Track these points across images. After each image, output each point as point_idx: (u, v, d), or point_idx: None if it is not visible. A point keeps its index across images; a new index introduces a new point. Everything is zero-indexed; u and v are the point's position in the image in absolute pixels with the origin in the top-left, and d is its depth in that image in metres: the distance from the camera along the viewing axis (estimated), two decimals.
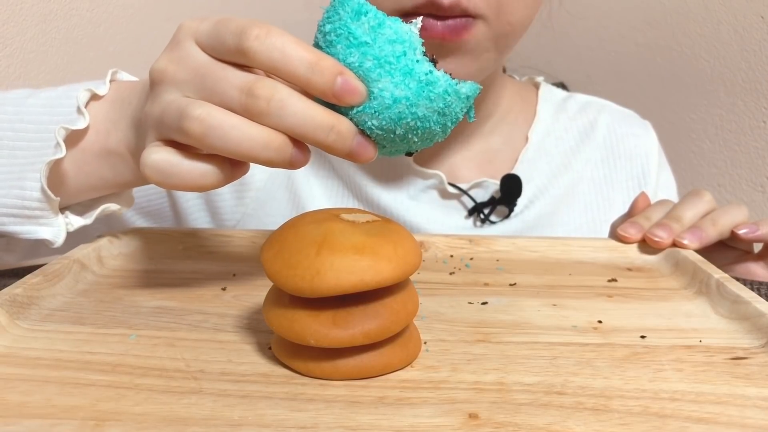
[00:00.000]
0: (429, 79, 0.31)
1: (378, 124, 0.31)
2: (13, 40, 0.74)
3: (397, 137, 0.32)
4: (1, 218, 0.41)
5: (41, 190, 0.39)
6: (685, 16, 1.04)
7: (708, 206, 0.50)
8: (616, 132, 0.68)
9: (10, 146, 0.41)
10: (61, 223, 0.42)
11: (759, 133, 0.99)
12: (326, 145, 0.31)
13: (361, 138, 0.32)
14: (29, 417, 0.25)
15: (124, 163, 0.41)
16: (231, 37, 0.31)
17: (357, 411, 0.26)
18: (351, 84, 0.30)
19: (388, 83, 0.31)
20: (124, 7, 0.91)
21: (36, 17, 0.77)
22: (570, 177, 0.65)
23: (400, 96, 0.31)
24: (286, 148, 0.31)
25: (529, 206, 0.63)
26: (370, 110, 0.31)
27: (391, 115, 0.31)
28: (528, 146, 0.65)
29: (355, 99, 0.31)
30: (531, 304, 0.38)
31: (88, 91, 0.41)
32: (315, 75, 0.30)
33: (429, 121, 0.32)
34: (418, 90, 0.31)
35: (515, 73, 0.74)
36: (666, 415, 0.26)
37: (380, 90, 0.31)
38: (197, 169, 0.32)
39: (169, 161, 0.32)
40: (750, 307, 0.35)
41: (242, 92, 0.30)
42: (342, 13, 0.31)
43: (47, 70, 0.79)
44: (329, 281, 0.27)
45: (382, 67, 0.31)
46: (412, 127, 0.32)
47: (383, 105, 0.31)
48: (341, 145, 0.31)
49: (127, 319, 0.35)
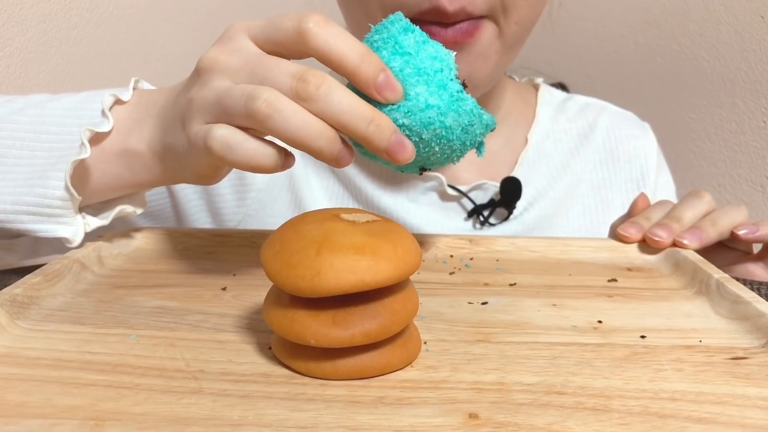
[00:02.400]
0: (460, 96, 0.35)
1: (408, 123, 0.34)
2: (13, 40, 0.74)
3: (421, 142, 0.35)
4: (20, 216, 0.41)
5: (65, 188, 0.40)
6: (685, 16, 1.04)
7: (708, 207, 0.50)
8: (615, 134, 0.68)
9: (30, 147, 0.42)
10: (79, 222, 0.42)
11: (759, 133, 0.99)
12: (366, 136, 0.33)
13: (399, 136, 0.34)
14: (29, 417, 0.25)
15: (141, 162, 0.41)
16: (290, 22, 0.33)
17: (357, 411, 0.26)
18: (392, 81, 0.33)
19: (423, 90, 0.34)
20: (124, 7, 0.91)
21: (36, 17, 0.77)
22: (569, 179, 0.65)
23: (432, 103, 0.34)
24: (337, 142, 0.33)
25: (528, 208, 0.63)
26: (403, 109, 0.34)
27: (422, 117, 0.34)
28: (527, 148, 0.65)
29: (393, 95, 0.33)
30: (531, 304, 0.38)
31: (112, 96, 0.42)
32: (363, 65, 0.33)
33: (453, 134, 0.35)
34: (449, 102, 0.34)
35: (515, 74, 0.74)
36: (666, 415, 0.26)
37: (416, 94, 0.34)
38: (259, 148, 0.33)
39: (234, 137, 0.33)
40: (750, 307, 0.35)
41: (293, 78, 0.32)
42: (391, 28, 0.35)
43: (47, 70, 0.79)
44: (329, 281, 0.27)
45: (420, 75, 0.34)
46: (437, 135, 0.34)
47: (417, 107, 0.34)
48: (379, 138, 0.33)
49: (127, 319, 0.35)
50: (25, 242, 0.52)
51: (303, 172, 0.62)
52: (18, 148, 0.42)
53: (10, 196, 0.41)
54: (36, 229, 0.41)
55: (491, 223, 0.62)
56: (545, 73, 0.76)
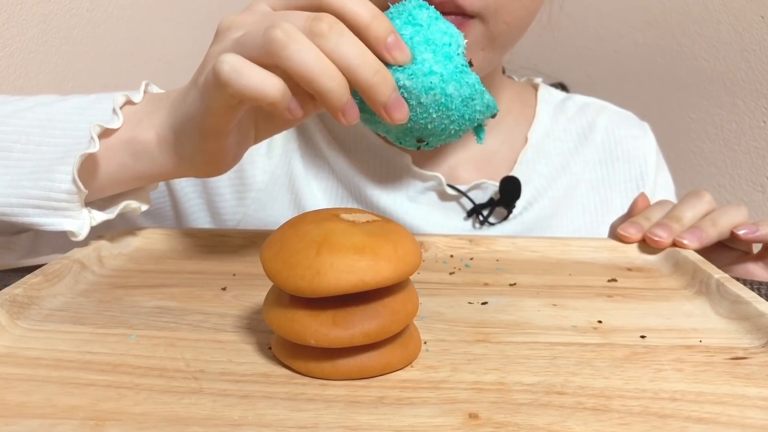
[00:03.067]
0: (464, 69, 0.36)
1: (409, 85, 0.35)
2: (13, 40, 0.74)
3: (419, 106, 0.36)
4: (25, 209, 0.41)
5: (72, 181, 0.40)
6: (685, 16, 1.04)
7: (708, 206, 0.50)
8: (615, 134, 0.68)
9: (36, 142, 0.42)
10: (85, 216, 0.42)
11: (759, 133, 0.99)
12: (370, 85, 0.34)
13: (399, 95, 0.35)
14: (29, 417, 0.25)
15: (147, 153, 0.42)
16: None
17: (357, 411, 0.26)
18: (401, 43, 0.35)
19: (430, 57, 0.36)
20: (124, 7, 0.91)
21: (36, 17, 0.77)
22: (568, 179, 0.65)
23: (436, 70, 0.35)
24: (347, 90, 0.34)
25: (528, 208, 0.63)
26: (407, 71, 0.35)
27: (423, 81, 0.35)
28: (527, 147, 0.65)
29: (401, 56, 0.35)
30: (531, 304, 0.38)
31: (124, 96, 0.43)
32: (374, 22, 0.34)
33: (452, 103, 0.36)
34: (453, 72, 0.36)
35: (515, 74, 0.74)
36: (666, 415, 0.26)
37: (422, 59, 0.35)
38: (267, 76, 0.34)
39: (243, 63, 0.34)
40: (750, 307, 0.35)
41: (308, 18, 0.34)
42: (407, 4, 0.38)
43: (47, 70, 0.79)
44: (329, 281, 0.27)
45: (429, 45, 0.36)
46: (436, 101, 0.36)
47: (420, 71, 0.35)
48: (382, 89, 0.34)
49: (127, 319, 0.35)
50: (24, 241, 0.52)
51: (303, 172, 0.62)
52: (23, 143, 0.42)
53: (15, 189, 0.41)
54: (41, 223, 0.41)
55: (490, 222, 0.62)
56: (545, 73, 0.76)
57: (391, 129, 0.39)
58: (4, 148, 0.42)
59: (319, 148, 0.63)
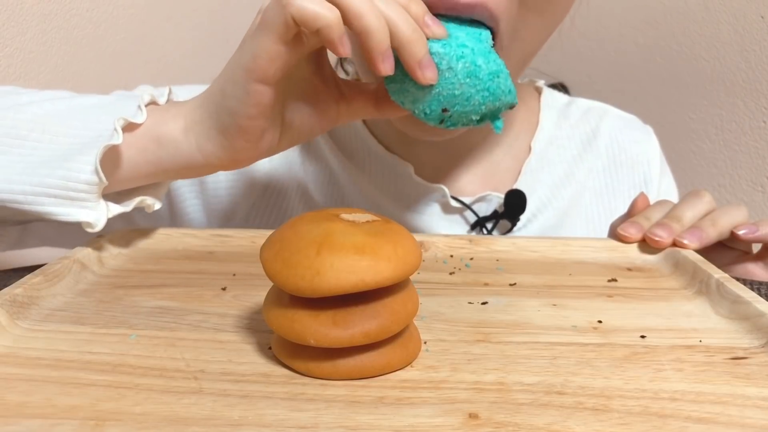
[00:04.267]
0: (492, 51, 0.40)
1: (443, 52, 0.38)
2: (13, 40, 0.74)
3: (449, 71, 0.39)
4: (40, 198, 0.40)
5: (94, 172, 0.39)
6: (685, 16, 1.04)
7: (708, 206, 0.50)
8: (618, 139, 0.67)
9: (53, 131, 0.42)
10: (103, 207, 0.42)
11: (759, 133, 0.99)
12: (409, 39, 0.36)
13: (431, 57, 0.38)
14: (29, 417, 0.25)
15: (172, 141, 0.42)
16: None
17: (357, 411, 0.26)
18: (437, 21, 0.39)
19: (462, 35, 0.40)
20: (124, 7, 0.91)
21: (36, 17, 0.77)
22: (573, 188, 0.65)
23: (468, 44, 0.39)
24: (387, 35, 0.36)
25: (532, 220, 0.62)
26: (442, 41, 0.39)
27: (456, 51, 0.39)
28: (531, 157, 0.64)
29: (438, 30, 0.39)
30: (531, 304, 0.38)
31: (150, 96, 0.43)
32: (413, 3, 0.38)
33: (480, 73, 0.39)
34: (482, 50, 0.40)
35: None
36: (666, 415, 0.26)
37: (455, 36, 0.39)
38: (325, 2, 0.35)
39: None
40: (750, 307, 0.35)
41: None
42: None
43: (47, 70, 0.79)
44: (329, 281, 0.27)
45: (461, 29, 0.40)
46: (466, 67, 0.39)
47: (452, 43, 0.39)
48: (418, 46, 0.37)
49: (127, 319, 0.35)
50: (12, 232, 0.52)
51: (303, 177, 0.62)
52: (39, 132, 0.41)
53: (29, 177, 0.40)
54: (56, 212, 0.41)
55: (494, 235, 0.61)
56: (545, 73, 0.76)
57: (419, 97, 0.40)
58: (19, 136, 0.41)
59: (322, 154, 0.63)
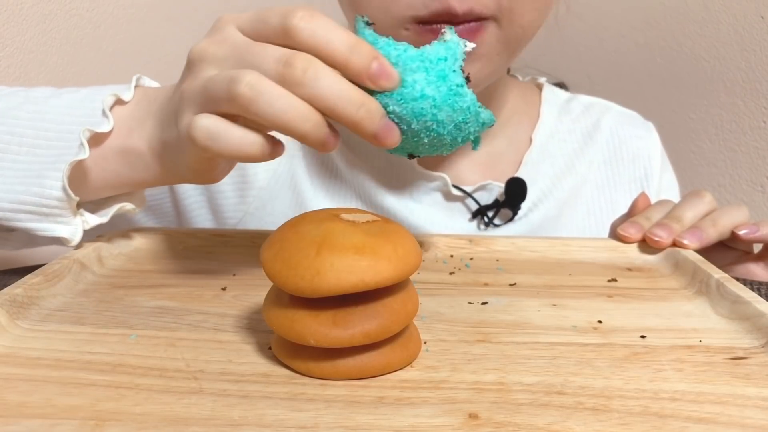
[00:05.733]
0: (459, 91, 0.33)
1: (399, 111, 0.33)
2: (13, 40, 0.74)
3: (409, 131, 0.34)
4: (18, 214, 0.41)
5: (62, 189, 0.40)
6: (685, 16, 1.04)
7: (708, 207, 0.50)
8: (619, 134, 0.68)
9: (29, 144, 0.42)
10: (78, 222, 0.42)
11: (759, 133, 0.99)
12: (355, 121, 0.32)
13: (388, 120, 0.33)
14: (29, 417, 0.25)
15: (141, 160, 0.41)
16: (276, 17, 0.33)
17: (357, 411, 0.26)
18: (386, 68, 0.32)
19: (421, 78, 0.33)
20: (124, 7, 0.91)
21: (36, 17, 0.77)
22: (573, 180, 0.65)
23: (428, 94, 0.33)
24: (323, 126, 0.33)
25: (533, 209, 0.63)
26: (397, 96, 0.33)
27: (414, 107, 0.33)
28: (532, 148, 0.65)
29: (388, 83, 0.32)
30: (531, 304, 0.38)
31: (113, 96, 0.42)
32: (353, 55, 0.32)
33: (444, 129, 0.34)
34: (446, 95, 0.33)
35: (518, 73, 0.74)
36: (666, 415, 0.26)
37: (413, 81, 0.33)
38: (245, 136, 0.33)
39: (218, 126, 0.33)
40: (750, 307, 0.35)
41: (279, 63, 0.32)
42: None
43: (47, 70, 0.79)
44: (329, 281, 0.27)
45: (423, 61, 0.33)
46: (427, 127, 0.34)
47: (411, 96, 0.33)
48: (369, 123, 0.32)
49: (127, 319, 0.35)
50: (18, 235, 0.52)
51: (305, 171, 0.62)
52: (17, 144, 0.42)
53: (7, 194, 0.41)
54: (34, 228, 0.41)
55: (495, 224, 0.62)
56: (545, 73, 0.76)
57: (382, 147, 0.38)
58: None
59: None
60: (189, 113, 0.35)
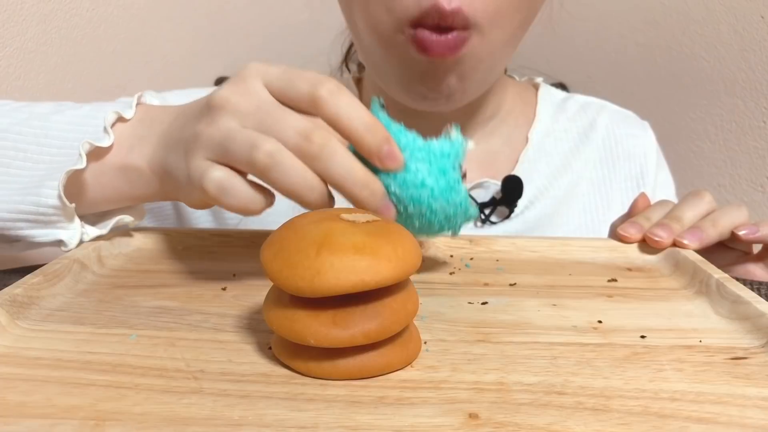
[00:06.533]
0: (455, 187, 0.36)
1: (398, 193, 0.36)
2: (13, 40, 0.74)
3: (404, 213, 0.37)
4: (17, 223, 0.42)
5: (58, 197, 0.41)
6: (685, 16, 1.04)
7: (708, 207, 0.50)
8: (615, 133, 0.69)
9: (33, 159, 0.43)
10: (76, 226, 0.43)
11: (759, 133, 0.99)
12: (359, 198, 0.35)
13: (388, 201, 0.36)
14: (29, 417, 0.25)
15: (141, 178, 0.42)
16: (305, 85, 0.35)
17: (357, 411, 0.26)
18: (394, 152, 0.35)
19: (425, 168, 0.36)
20: (124, 7, 0.91)
21: (36, 17, 0.77)
22: (569, 178, 0.66)
23: (428, 184, 0.36)
24: (325, 196, 0.35)
25: (530, 207, 0.63)
26: (399, 179, 0.36)
27: (413, 193, 0.36)
28: (528, 147, 0.65)
29: (393, 166, 0.35)
30: (531, 304, 0.38)
31: (115, 113, 0.43)
32: (368, 134, 0.35)
33: (436, 217, 0.37)
34: (444, 188, 0.36)
35: (515, 73, 0.74)
36: (666, 415, 0.26)
37: (417, 169, 0.36)
38: (251, 195, 0.36)
39: (230, 181, 0.36)
40: (750, 307, 0.35)
41: (299, 135, 0.34)
42: None
43: (47, 70, 0.79)
44: (329, 281, 0.27)
45: (428, 153, 0.36)
46: (421, 213, 0.36)
47: (412, 182, 0.36)
48: (371, 201, 0.35)
49: (127, 319, 0.35)
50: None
51: None
52: (21, 159, 0.43)
53: (6, 204, 0.42)
54: (33, 235, 0.43)
55: (492, 221, 0.62)
56: (545, 73, 0.76)
57: None
58: (3, 164, 0.43)
59: None
60: (201, 158, 0.36)
